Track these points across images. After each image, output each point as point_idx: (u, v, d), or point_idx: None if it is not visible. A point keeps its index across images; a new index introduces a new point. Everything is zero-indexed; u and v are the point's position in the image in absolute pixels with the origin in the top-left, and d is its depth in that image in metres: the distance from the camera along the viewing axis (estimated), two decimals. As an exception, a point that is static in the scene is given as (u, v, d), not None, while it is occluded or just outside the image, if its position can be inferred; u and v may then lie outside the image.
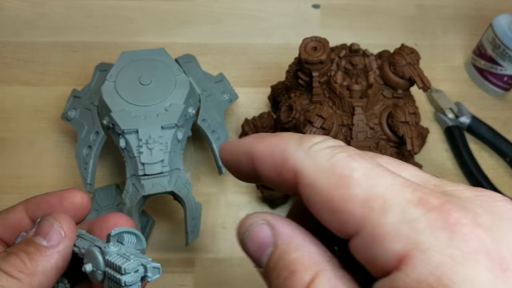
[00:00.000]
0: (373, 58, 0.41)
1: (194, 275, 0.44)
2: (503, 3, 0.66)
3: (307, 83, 0.42)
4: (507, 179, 0.51)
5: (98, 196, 0.46)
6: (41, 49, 0.58)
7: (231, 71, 0.57)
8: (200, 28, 0.62)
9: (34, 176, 0.49)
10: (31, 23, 0.61)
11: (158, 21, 0.62)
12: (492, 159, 0.52)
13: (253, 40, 0.61)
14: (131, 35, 0.60)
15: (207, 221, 0.47)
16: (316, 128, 0.38)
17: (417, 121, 0.39)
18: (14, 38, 0.59)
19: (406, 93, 0.42)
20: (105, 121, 0.42)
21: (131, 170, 0.40)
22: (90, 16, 0.62)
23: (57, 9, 0.62)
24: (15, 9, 0.62)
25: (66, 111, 0.47)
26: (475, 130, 0.53)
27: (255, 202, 0.48)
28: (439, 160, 0.52)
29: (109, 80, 0.43)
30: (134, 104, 0.41)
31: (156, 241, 0.46)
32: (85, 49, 0.59)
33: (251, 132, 0.46)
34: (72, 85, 0.55)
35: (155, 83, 0.43)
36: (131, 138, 0.40)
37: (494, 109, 0.56)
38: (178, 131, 0.41)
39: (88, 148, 0.43)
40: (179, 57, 0.49)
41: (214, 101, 0.47)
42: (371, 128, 0.39)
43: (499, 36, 0.52)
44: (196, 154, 0.51)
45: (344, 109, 0.40)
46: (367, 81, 0.40)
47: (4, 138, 0.51)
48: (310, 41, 0.40)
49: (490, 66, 0.55)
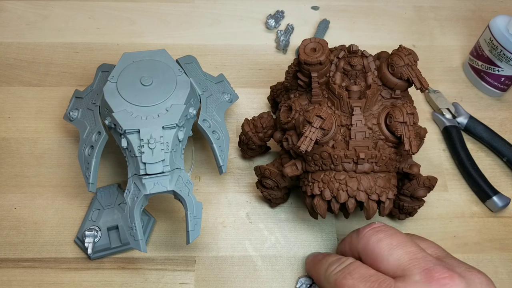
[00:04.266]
0: (371, 59, 0.42)
1: (195, 273, 0.45)
2: (500, 5, 0.67)
3: (306, 84, 0.42)
4: (504, 179, 0.51)
5: (100, 196, 0.46)
6: (44, 50, 0.59)
7: (231, 71, 0.58)
8: (200, 30, 0.62)
9: (36, 175, 0.49)
10: (33, 25, 0.61)
11: (159, 22, 0.62)
12: (489, 159, 0.53)
13: (252, 41, 0.61)
14: (132, 36, 0.61)
15: (207, 220, 0.48)
16: (315, 128, 0.38)
17: (415, 121, 0.39)
18: (17, 39, 0.60)
19: (404, 93, 0.42)
20: (107, 121, 0.42)
21: (133, 170, 0.41)
22: (92, 17, 0.62)
23: (60, 10, 0.63)
24: (18, 11, 0.62)
25: (68, 111, 0.47)
26: (473, 130, 0.53)
27: (255, 201, 0.49)
28: (437, 160, 0.52)
29: (111, 80, 0.43)
30: (136, 104, 0.42)
31: (157, 240, 0.46)
32: (87, 50, 0.59)
33: (251, 132, 0.47)
34: (74, 86, 0.56)
35: (156, 84, 0.43)
36: (133, 138, 0.40)
37: (491, 110, 0.56)
38: (179, 131, 0.41)
39: (90, 148, 0.43)
40: (180, 58, 0.49)
41: (215, 101, 0.47)
42: (369, 128, 0.40)
43: (496, 37, 0.52)
44: (197, 154, 0.51)
45: (343, 109, 0.40)
46: (366, 81, 0.41)
47: (7, 138, 0.52)
48: (309, 42, 0.41)
49: (487, 67, 0.55)
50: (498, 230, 0.48)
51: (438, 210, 0.49)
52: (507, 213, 0.49)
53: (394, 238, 0.36)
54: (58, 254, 0.45)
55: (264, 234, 0.47)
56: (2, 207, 0.48)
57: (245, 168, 0.51)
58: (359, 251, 0.37)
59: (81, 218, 0.47)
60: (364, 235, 0.37)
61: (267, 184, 0.45)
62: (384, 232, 0.36)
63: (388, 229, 0.37)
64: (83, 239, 0.44)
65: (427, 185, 0.43)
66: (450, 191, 0.50)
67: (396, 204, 0.46)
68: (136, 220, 0.39)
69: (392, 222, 0.48)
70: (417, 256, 0.34)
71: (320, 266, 0.39)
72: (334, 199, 0.39)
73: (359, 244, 0.37)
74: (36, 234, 0.46)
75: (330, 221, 0.48)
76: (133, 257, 0.45)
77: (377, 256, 0.35)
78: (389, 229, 0.37)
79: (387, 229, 0.37)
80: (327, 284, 0.37)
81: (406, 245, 0.35)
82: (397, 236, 0.36)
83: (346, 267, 0.36)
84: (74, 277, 0.44)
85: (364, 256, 0.37)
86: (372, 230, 0.37)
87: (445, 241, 0.47)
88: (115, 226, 0.45)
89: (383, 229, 0.37)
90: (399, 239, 0.36)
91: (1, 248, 0.45)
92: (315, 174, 0.40)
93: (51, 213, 0.47)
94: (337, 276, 0.36)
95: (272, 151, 0.52)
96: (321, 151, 0.39)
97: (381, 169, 0.40)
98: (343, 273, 0.36)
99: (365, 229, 0.38)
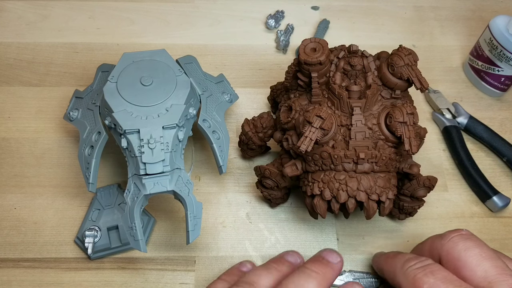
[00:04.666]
0: (371, 59, 0.42)
1: (195, 273, 0.45)
2: (500, 5, 0.67)
3: (306, 84, 0.42)
4: (504, 179, 0.51)
5: (100, 196, 0.46)
6: (44, 50, 0.59)
7: (231, 71, 0.58)
8: (200, 30, 0.62)
9: (36, 175, 0.49)
10: (33, 25, 0.61)
11: (159, 22, 0.62)
12: (489, 159, 0.53)
13: (252, 41, 0.61)
14: (132, 36, 0.61)
15: (207, 220, 0.48)
16: (315, 128, 0.38)
17: (415, 121, 0.39)
18: (17, 39, 0.60)
19: (404, 93, 0.42)
20: (107, 121, 0.43)
21: (133, 170, 0.41)
22: (92, 17, 0.62)
23: (60, 10, 0.63)
24: (18, 11, 0.62)
25: (68, 111, 0.47)
26: (472, 130, 0.53)
27: (255, 201, 0.49)
28: (437, 160, 0.52)
29: (111, 80, 0.43)
30: (136, 104, 0.42)
31: (157, 240, 0.46)
32: (87, 50, 0.59)
33: (251, 132, 0.47)
34: (74, 86, 0.56)
35: (156, 84, 0.43)
36: (133, 138, 0.40)
37: (491, 110, 0.56)
38: (179, 131, 0.42)
39: (90, 148, 0.43)
40: (179, 58, 0.49)
41: (215, 101, 0.47)
42: (369, 128, 0.40)
43: (496, 37, 0.52)
44: (197, 154, 0.51)
45: (343, 109, 0.40)
46: (366, 81, 0.41)
47: (7, 138, 0.52)
48: (309, 42, 0.41)
49: (487, 67, 0.55)
50: (498, 230, 0.48)
51: (438, 210, 0.49)
52: (507, 213, 0.49)
53: (484, 249, 0.35)
54: (58, 254, 0.45)
55: (264, 234, 0.47)
56: (2, 207, 0.48)
57: (245, 168, 0.51)
58: (441, 255, 0.36)
59: (81, 218, 0.47)
60: (451, 239, 0.36)
61: (267, 184, 0.45)
62: (473, 241, 0.36)
63: (477, 238, 0.36)
64: (83, 239, 0.44)
65: (427, 185, 0.43)
66: (450, 191, 0.50)
67: (396, 204, 0.46)
68: (136, 220, 0.39)
69: (392, 222, 0.48)
70: (506, 272, 0.33)
71: (395, 260, 0.38)
72: (334, 199, 0.39)
73: (443, 247, 0.36)
74: (36, 234, 0.46)
75: (330, 221, 0.48)
76: (133, 257, 0.45)
77: (463, 263, 0.35)
78: (477, 238, 0.36)
79: (475, 238, 0.36)
80: (404, 278, 0.35)
81: (494, 259, 0.34)
82: (486, 248, 0.35)
83: (428, 265, 0.35)
84: (74, 277, 0.44)
85: (446, 260, 0.36)
86: (460, 236, 0.36)
87: (445, 241, 0.47)
88: (115, 226, 0.45)
89: (472, 238, 0.36)
90: (488, 251, 0.35)
91: (1, 248, 0.45)
92: (315, 174, 0.40)
93: (51, 213, 0.47)
94: (417, 272, 0.34)
95: (272, 151, 0.52)
96: (321, 151, 0.39)
97: (381, 169, 0.40)
98: (424, 270, 0.34)
99: (451, 233, 0.37)
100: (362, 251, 0.46)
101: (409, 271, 0.35)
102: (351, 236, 0.47)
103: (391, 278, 0.38)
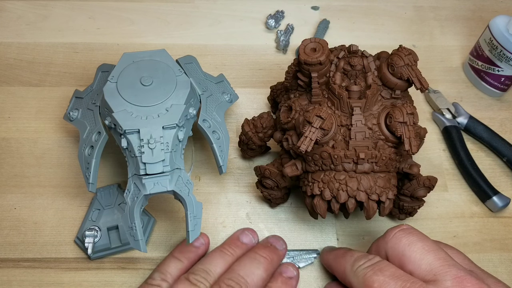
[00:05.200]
0: (371, 59, 0.42)
1: (195, 273, 0.45)
2: (500, 5, 0.67)
3: (306, 84, 0.42)
4: (504, 179, 0.51)
5: (100, 196, 0.46)
6: (44, 50, 0.59)
7: (231, 72, 0.58)
8: (200, 30, 0.62)
9: (36, 175, 0.49)
10: (33, 25, 0.61)
11: (159, 22, 0.62)
12: (489, 159, 0.53)
13: (252, 41, 0.61)
14: (132, 36, 0.61)
15: (207, 220, 0.48)
16: (315, 128, 0.38)
17: (415, 121, 0.39)
18: (17, 39, 0.60)
19: (404, 93, 0.42)
20: (107, 121, 0.42)
21: (133, 170, 0.41)
22: (92, 17, 0.62)
23: (60, 10, 0.63)
24: (18, 11, 0.62)
25: (68, 111, 0.47)
26: (472, 130, 0.53)
27: (255, 201, 0.49)
28: (437, 160, 0.52)
29: (111, 81, 0.43)
30: (136, 104, 0.42)
31: (157, 240, 0.46)
32: (87, 50, 0.59)
33: (251, 132, 0.47)
34: (74, 86, 0.56)
35: (156, 84, 0.43)
36: (133, 138, 0.40)
37: (491, 110, 0.56)
38: (179, 131, 0.42)
39: (90, 148, 0.43)
40: (179, 58, 0.49)
41: (215, 101, 0.47)
42: (369, 128, 0.40)
43: (496, 37, 0.52)
44: (197, 154, 0.51)
45: (343, 109, 0.40)
46: (366, 82, 0.41)
47: (7, 138, 0.52)
48: (309, 42, 0.41)
49: (487, 67, 0.55)
50: (498, 230, 0.48)
51: (438, 210, 0.49)
52: (507, 213, 0.49)
53: (426, 243, 0.36)
54: (58, 254, 0.45)
55: (264, 234, 0.47)
56: (2, 207, 0.48)
57: (245, 168, 0.51)
58: (386, 251, 0.37)
59: (81, 218, 0.47)
60: (394, 235, 0.37)
61: (267, 184, 0.45)
62: (415, 236, 0.36)
63: (419, 232, 0.37)
64: (83, 239, 0.44)
65: (427, 185, 0.43)
66: (450, 191, 0.50)
67: (396, 204, 0.46)
68: (136, 220, 0.39)
69: (392, 222, 0.48)
70: (448, 263, 0.34)
71: (344, 260, 0.39)
72: (334, 199, 0.39)
73: (387, 244, 0.37)
74: (36, 234, 0.46)
75: (330, 221, 0.48)
76: (133, 257, 0.45)
77: (407, 258, 0.35)
78: (419, 232, 0.37)
79: (417, 232, 0.37)
80: (354, 278, 0.37)
81: (437, 251, 0.35)
82: (428, 240, 0.36)
83: (376, 263, 0.36)
84: (74, 277, 0.44)
85: (392, 256, 0.37)
86: (403, 232, 0.37)
87: (445, 241, 0.47)
88: (115, 226, 0.45)
89: (414, 232, 0.37)
90: (430, 244, 0.36)
91: (1, 248, 0.45)
92: (315, 174, 0.40)
93: (51, 213, 0.47)
94: (366, 271, 0.35)
95: (272, 151, 0.52)
96: (321, 151, 0.39)
97: (381, 169, 0.40)
98: (373, 269, 0.35)
99: (394, 229, 0.38)
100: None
101: (359, 270, 0.36)
102: (351, 236, 0.47)
103: (341, 277, 0.40)
